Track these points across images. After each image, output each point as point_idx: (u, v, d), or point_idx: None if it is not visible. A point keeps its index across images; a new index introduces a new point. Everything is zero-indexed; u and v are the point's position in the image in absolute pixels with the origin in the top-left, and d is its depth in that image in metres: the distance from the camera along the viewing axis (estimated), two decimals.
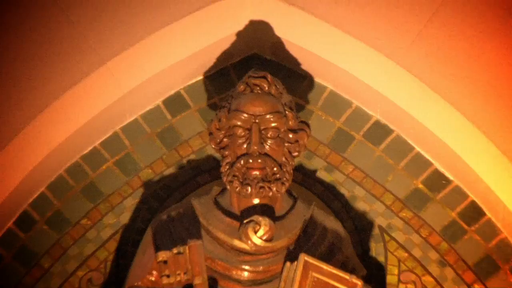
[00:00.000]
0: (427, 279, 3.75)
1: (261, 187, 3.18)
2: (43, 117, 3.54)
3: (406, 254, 3.76)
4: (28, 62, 3.51)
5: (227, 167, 3.14)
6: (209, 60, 3.70)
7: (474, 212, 3.75)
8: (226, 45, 3.65)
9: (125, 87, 3.58)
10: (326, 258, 3.21)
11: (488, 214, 3.74)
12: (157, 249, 3.24)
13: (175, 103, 3.73)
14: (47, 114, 3.52)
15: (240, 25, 3.61)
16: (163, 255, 3.13)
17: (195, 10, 3.53)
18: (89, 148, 3.70)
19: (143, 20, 3.54)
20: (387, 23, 3.56)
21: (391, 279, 3.70)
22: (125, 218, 3.72)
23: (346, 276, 3.17)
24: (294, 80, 3.71)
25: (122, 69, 3.57)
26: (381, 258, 3.76)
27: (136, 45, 3.56)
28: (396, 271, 3.73)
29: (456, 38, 3.58)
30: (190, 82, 3.80)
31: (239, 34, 3.60)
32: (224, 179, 3.21)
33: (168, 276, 3.16)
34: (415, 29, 3.54)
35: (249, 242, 3.19)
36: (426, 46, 3.58)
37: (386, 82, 3.61)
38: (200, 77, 3.75)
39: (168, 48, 3.59)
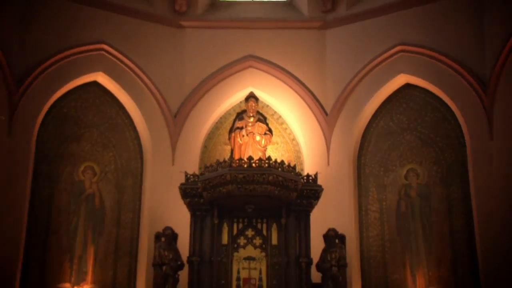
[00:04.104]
0: None
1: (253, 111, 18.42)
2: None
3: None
4: None
5: (246, 108, 18.28)
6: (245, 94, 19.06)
7: None
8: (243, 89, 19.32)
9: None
10: (261, 121, 18.40)
11: None
12: (238, 119, 18.28)
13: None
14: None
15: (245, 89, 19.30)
16: (240, 121, 18.24)
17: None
18: None
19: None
20: None
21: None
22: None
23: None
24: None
25: None
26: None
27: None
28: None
29: None
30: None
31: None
32: (247, 110, 18.13)
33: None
34: None
35: (250, 117, 18.33)
36: None
37: None
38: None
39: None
